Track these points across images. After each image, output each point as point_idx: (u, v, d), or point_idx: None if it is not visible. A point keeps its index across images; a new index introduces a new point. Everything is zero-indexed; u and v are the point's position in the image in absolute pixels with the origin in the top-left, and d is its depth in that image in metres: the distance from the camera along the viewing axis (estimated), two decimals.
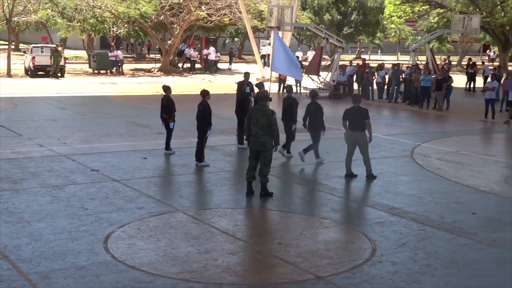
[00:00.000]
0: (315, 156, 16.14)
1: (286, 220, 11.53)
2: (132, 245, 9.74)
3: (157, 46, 51.47)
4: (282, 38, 39.83)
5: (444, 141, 20.00)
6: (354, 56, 66.71)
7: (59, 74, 37.20)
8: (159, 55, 51.03)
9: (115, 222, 10.81)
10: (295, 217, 11.65)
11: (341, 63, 34.75)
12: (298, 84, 32.22)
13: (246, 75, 19.69)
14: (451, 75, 30.29)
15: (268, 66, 42.30)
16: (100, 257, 9.23)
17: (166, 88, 17.02)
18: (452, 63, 56.31)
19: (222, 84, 36.78)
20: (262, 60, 46.55)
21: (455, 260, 9.68)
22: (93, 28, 42.70)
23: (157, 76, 41.16)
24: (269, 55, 43.49)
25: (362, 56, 57.58)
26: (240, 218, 11.70)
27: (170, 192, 12.95)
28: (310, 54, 46.51)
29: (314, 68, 33.11)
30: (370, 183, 14.43)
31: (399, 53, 71.54)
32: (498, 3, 51.49)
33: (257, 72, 42.57)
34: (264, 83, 19.88)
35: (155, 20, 42.57)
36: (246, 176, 12.83)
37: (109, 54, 41.87)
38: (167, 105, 16.85)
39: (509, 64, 51.14)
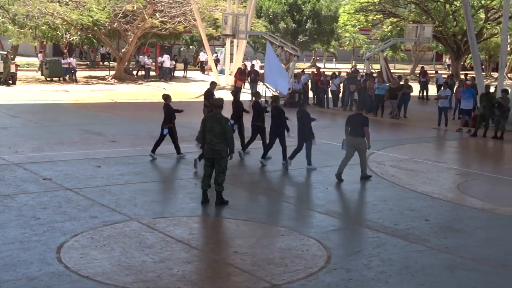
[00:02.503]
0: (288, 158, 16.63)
1: (242, 228, 11.53)
2: (85, 255, 9.63)
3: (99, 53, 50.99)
4: (237, 46, 40.11)
5: (398, 149, 20.26)
6: (309, 64, 67.20)
7: (10, 82, 36.64)
8: (114, 62, 50.67)
9: (68, 231, 10.68)
10: (251, 225, 11.66)
11: (296, 71, 34.96)
12: (252, 92, 32.32)
13: (213, 84, 20.03)
14: (410, 83, 30.83)
15: (223, 74, 42.40)
16: (52, 267, 9.10)
17: (166, 97, 17.29)
18: (404, 71, 57.05)
19: (177, 92, 36.60)
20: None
21: (409, 267, 9.80)
22: (45, 35, 42.19)
23: (111, 84, 40.86)
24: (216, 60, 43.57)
25: (317, 64, 58.00)
26: (196, 227, 11.66)
27: (125, 200, 12.85)
28: (256, 64, 46.70)
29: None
30: (363, 182, 14.55)
31: (353, 61, 72.23)
32: (450, 12, 52.54)
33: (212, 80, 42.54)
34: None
35: (109, 28, 42.26)
36: (201, 185, 12.81)
37: (62, 61, 41.42)
38: (168, 113, 17.05)
39: (461, 72, 52.03)
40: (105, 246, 10.06)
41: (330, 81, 32.17)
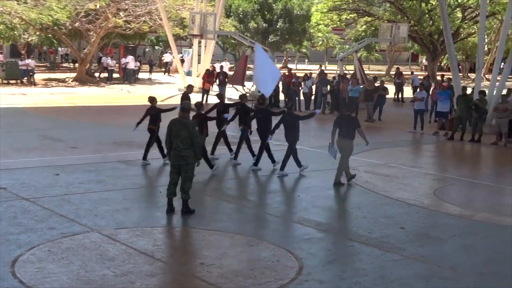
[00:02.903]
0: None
1: (209, 238, 11.45)
2: (42, 269, 9.47)
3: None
4: (205, 46, 40.02)
5: (373, 153, 20.31)
6: (280, 65, 67.30)
7: None
8: (74, 63, 50.31)
9: (24, 244, 10.50)
10: (218, 235, 11.59)
11: None
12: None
13: (189, 87, 20.12)
14: (386, 85, 30.99)
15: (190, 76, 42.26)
16: (6, 282, 8.94)
17: (152, 99, 17.41)
18: (379, 72, 57.39)
19: (142, 95, 36.34)
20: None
21: (384, 277, 9.80)
22: (2, 35, 41.69)
23: (71, 87, 40.49)
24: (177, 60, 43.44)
25: (289, 66, 58.12)
26: (160, 237, 11.56)
27: (85, 210, 12.69)
28: (225, 65, 46.68)
29: (238, 78, 33.20)
30: (341, 188, 14.53)
31: (326, 62, 72.59)
32: (426, 11, 52.94)
33: (179, 82, 42.44)
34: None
35: (70, 27, 41.91)
36: (167, 193, 12.72)
37: (20, 63, 40.95)
38: (155, 115, 17.12)
39: (438, 73, 52.40)
40: (63, 259, 9.91)
41: (302, 83, 32.23)
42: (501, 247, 11.72)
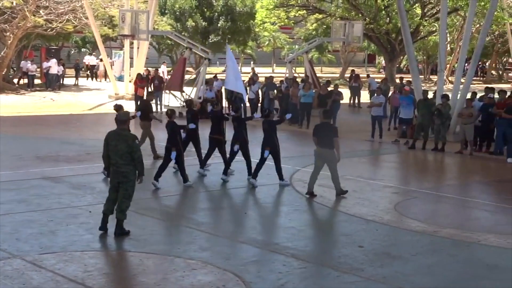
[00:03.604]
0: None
1: (146, 262, 11.45)
2: None
3: None
4: (138, 48, 39.93)
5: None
6: (223, 68, 67.39)
7: None
8: None
9: None
10: (157, 259, 11.59)
11: (207, 76, 35.03)
12: (158, 102, 32.23)
13: (150, 95, 20.72)
14: (340, 90, 31.27)
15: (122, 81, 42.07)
16: None
17: (119, 107, 17.16)
18: (333, 75, 57.94)
19: (68, 103, 36.17)
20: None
21: None
22: None
23: None
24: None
25: None
26: (91, 263, 11.49)
27: (5, 234, 12.56)
28: (162, 69, 46.67)
29: (176, 83, 33.12)
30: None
31: (274, 64, 73.02)
32: (383, 8, 53.70)
33: (109, 88, 42.23)
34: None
35: None
36: (103, 208, 12.73)
37: None
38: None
39: (396, 76, 53.01)
40: None
41: (247, 88, 32.35)
42: (467, 265, 11.95)
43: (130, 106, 29.52)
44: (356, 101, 39.92)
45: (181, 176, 16.91)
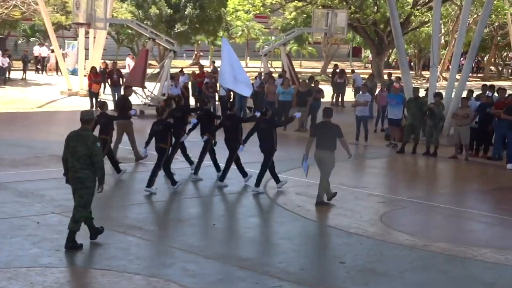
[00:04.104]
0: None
1: (101, 280, 11.39)
2: None
3: None
4: (94, 37, 39.76)
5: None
6: (190, 61, 67.36)
7: None
8: None
9: None
10: (113, 276, 11.53)
11: (173, 70, 34.94)
12: (115, 99, 32.09)
13: (128, 90, 20.69)
14: (320, 87, 31.21)
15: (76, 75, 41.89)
16: None
17: (103, 104, 18.30)
18: (314, 70, 57.96)
19: (14, 100, 35.88)
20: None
21: None
22: None
23: None
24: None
25: (201, 62, 58.16)
26: (39, 280, 11.41)
27: None
28: (130, 62, 46.47)
29: (137, 78, 32.94)
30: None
31: (248, 57, 72.98)
32: None
33: (61, 83, 42.00)
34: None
35: None
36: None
37: None
38: (105, 124, 17.83)
39: (384, 71, 53.13)
40: None
41: (218, 84, 32.28)
42: (461, 284, 12.01)
43: (84, 104, 29.41)
44: (340, 99, 39.90)
45: (148, 179, 16.89)
